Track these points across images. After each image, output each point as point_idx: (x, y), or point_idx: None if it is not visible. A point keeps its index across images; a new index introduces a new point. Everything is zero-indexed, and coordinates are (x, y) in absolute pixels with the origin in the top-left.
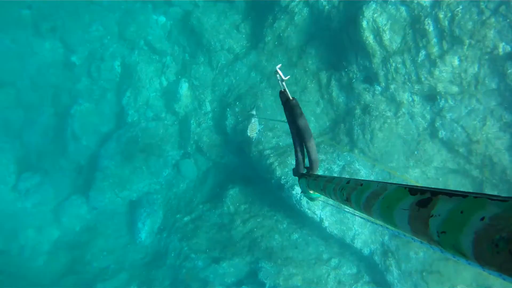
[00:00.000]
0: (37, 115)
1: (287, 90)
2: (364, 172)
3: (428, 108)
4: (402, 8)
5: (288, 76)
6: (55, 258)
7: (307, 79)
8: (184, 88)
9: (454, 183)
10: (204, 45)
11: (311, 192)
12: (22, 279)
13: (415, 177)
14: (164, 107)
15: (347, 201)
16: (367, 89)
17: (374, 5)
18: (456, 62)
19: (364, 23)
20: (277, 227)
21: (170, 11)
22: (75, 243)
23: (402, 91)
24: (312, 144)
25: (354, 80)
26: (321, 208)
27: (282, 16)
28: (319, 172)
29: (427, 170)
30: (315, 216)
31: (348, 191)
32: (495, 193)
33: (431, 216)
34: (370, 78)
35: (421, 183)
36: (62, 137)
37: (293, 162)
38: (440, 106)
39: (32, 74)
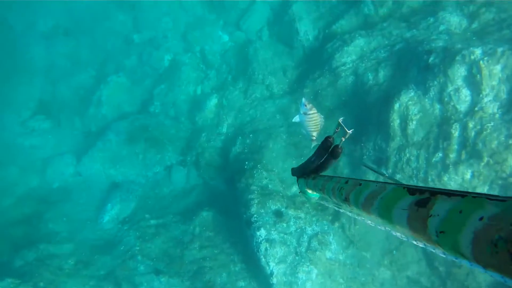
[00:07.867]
0: (79, 71)
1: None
2: (334, 247)
3: None
4: (437, 106)
5: (352, 130)
6: (21, 204)
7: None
8: (211, 103)
9: None
10: (248, 74)
11: (309, 191)
12: None
13: (383, 278)
14: (187, 113)
15: (346, 200)
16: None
17: (412, 93)
18: (468, 175)
19: (396, 106)
20: (229, 267)
21: (235, 34)
22: (45, 199)
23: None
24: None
25: (365, 156)
26: (277, 262)
27: (327, 75)
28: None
29: (399, 277)
30: (267, 268)
31: (347, 191)
32: None
33: (430, 216)
34: (381, 161)
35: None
36: (89, 100)
37: (272, 207)
38: None
39: (96, 36)
